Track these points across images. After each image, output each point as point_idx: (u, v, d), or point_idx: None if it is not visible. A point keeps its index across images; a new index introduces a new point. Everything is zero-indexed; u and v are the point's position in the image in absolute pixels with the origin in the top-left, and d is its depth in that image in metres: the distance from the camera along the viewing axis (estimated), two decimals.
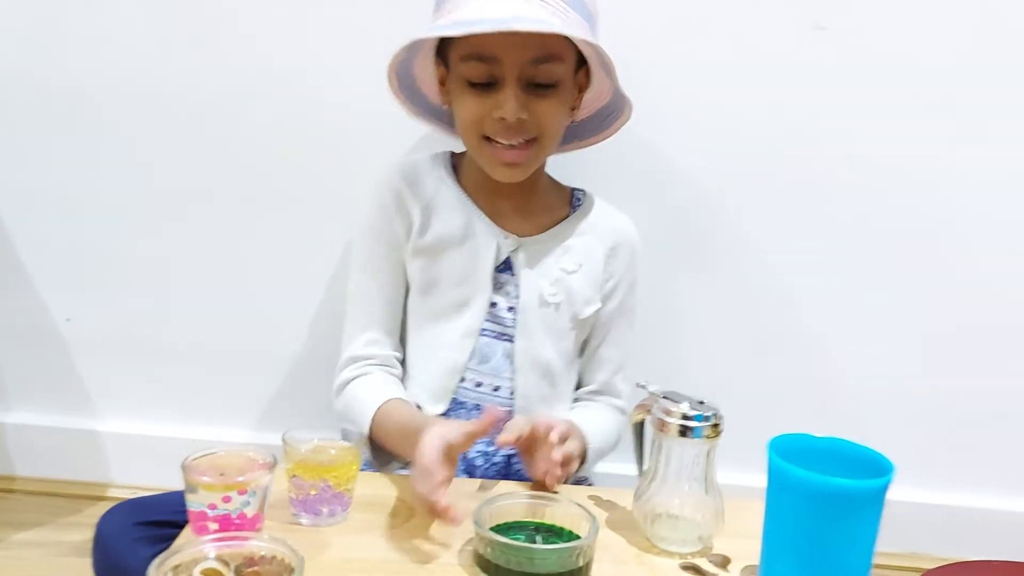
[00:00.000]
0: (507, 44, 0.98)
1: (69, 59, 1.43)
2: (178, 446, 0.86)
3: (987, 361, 1.47)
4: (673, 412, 0.86)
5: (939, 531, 1.53)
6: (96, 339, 1.56)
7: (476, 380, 1.13)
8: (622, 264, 1.18)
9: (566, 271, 1.13)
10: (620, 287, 1.19)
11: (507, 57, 0.99)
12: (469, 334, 1.12)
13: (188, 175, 1.47)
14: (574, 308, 1.14)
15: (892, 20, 1.34)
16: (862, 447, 0.76)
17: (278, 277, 1.50)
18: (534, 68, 1.01)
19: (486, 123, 1.03)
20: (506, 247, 1.12)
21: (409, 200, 1.12)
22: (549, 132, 1.07)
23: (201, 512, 0.80)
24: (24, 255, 1.53)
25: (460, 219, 1.12)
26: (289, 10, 1.38)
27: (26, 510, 1.55)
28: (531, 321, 1.12)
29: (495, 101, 1.01)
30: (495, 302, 1.12)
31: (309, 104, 1.41)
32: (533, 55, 1.00)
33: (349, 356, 1.14)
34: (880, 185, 1.41)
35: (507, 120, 1.01)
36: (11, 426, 1.60)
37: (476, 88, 1.02)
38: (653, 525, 0.89)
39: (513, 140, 1.04)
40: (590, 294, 1.15)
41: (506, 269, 1.13)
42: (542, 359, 1.13)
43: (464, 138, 1.09)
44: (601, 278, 1.17)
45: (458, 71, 1.03)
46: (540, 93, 1.03)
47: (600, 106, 1.17)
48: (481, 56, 1.00)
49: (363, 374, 1.12)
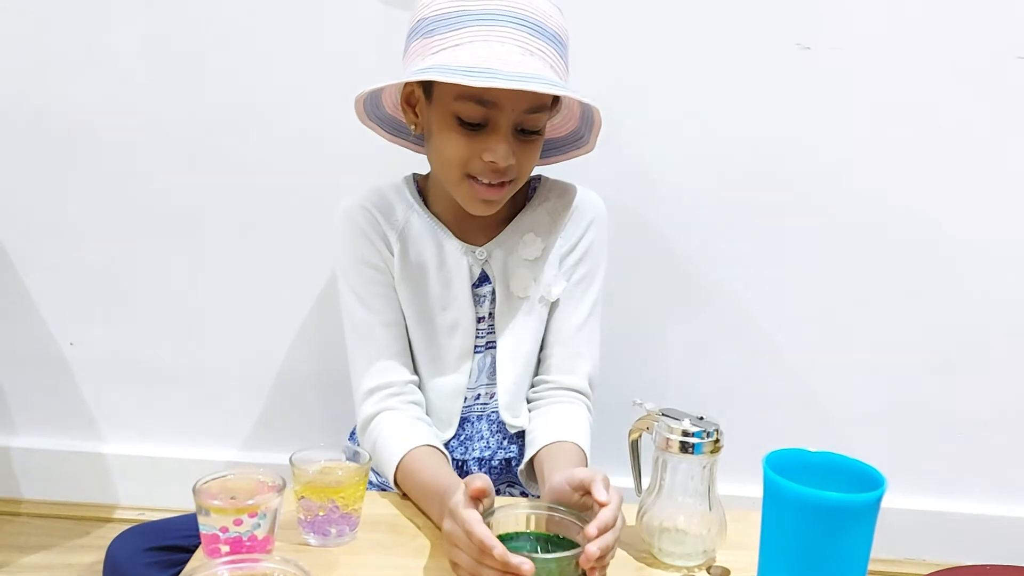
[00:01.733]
0: (510, 94, 0.96)
1: (68, 87, 1.45)
2: (182, 466, 0.88)
3: (975, 370, 1.49)
4: (674, 429, 0.88)
5: (933, 537, 1.54)
6: (99, 362, 1.58)
7: (476, 393, 1.14)
8: (580, 227, 1.15)
9: (528, 260, 1.12)
10: (578, 250, 1.15)
11: (507, 104, 0.98)
12: (465, 355, 1.12)
13: (186, 200, 1.49)
14: (542, 290, 1.13)
15: (874, 39, 1.37)
16: (855, 461, 0.77)
17: (278, 298, 1.52)
18: (525, 116, 1.01)
19: (473, 163, 1.02)
20: (477, 263, 1.12)
21: (386, 228, 1.11)
22: (525, 173, 1.07)
23: (213, 535, 0.82)
24: (28, 281, 1.55)
25: (431, 245, 1.11)
26: (284, 37, 1.41)
27: (33, 533, 1.57)
28: (508, 320, 1.12)
29: (485, 144, 1.00)
30: (481, 316, 1.13)
31: (305, 128, 1.44)
32: (529, 105, 1.00)
33: (366, 389, 1.09)
34: (866, 200, 1.44)
35: (498, 164, 1.00)
36: (16, 449, 1.62)
37: (466, 128, 1.00)
38: (659, 540, 0.90)
39: (496, 181, 1.03)
40: (554, 272, 1.13)
41: (483, 282, 1.13)
42: (521, 352, 1.13)
43: (444, 173, 1.06)
44: (560, 251, 1.14)
45: (449, 107, 1.00)
46: (526, 139, 1.03)
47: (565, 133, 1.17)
48: (482, 100, 0.98)
49: (385, 409, 1.08)
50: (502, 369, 1.13)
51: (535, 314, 1.14)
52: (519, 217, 1.14)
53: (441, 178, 1.08)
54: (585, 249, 1.15)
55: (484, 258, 1.12)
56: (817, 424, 1.52)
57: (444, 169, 1.06)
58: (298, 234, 1.47)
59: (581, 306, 1.15)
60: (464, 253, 1.11)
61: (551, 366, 1.16)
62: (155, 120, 1.46)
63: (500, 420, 1.14)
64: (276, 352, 1.55)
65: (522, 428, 1.14)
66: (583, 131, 1.14)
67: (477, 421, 1.15)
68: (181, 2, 1.41)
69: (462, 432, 1.14)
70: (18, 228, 1.53)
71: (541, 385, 1.16)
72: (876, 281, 1.47)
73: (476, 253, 1.11)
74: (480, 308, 1.13)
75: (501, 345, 1.13)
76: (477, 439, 1.14)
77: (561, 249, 1.15)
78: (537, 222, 1.14)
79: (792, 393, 1.52)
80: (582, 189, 1.17)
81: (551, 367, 1.16)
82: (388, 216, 1.11)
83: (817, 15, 1.37)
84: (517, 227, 1.14)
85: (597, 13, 1.36)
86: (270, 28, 1.41)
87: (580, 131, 1.15)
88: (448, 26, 0.99)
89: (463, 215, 1.11)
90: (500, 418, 1.14)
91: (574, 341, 1.15)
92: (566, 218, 1.15)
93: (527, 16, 0.98)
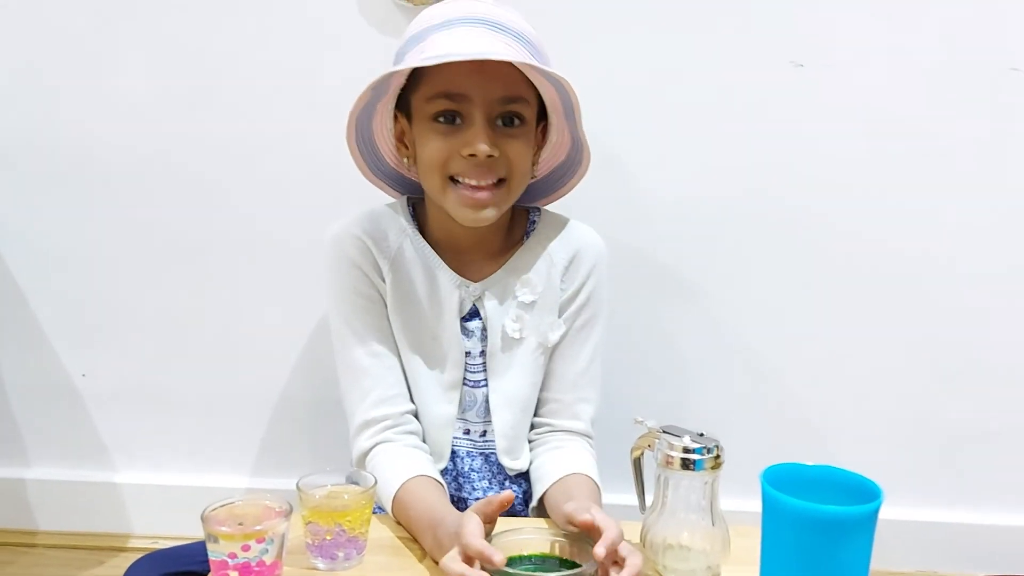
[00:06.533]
0: (476, 82, 0.97)
1: (77, 121, 1.48)
2: (193, 494, 0.89)
3: (978, 380, 1.49)
4: (675, 446, 0.88)
5: (943, 549, 1.53)
6: (111, 393, 1.60)
7: (464, 428, 1.13)
8: (581, 274, 1.12)
9: (524, 303, 1.10)
10: (579, 297, 1.13)
11: (476, 94, 0.98)
12: (453, 386, 1.11)
13: (193, 231, 1.52)
14: (539, 337, 1.11)
15: (867, 55, 1.39)
16: (852, 473, 0.78)
17: (285, 326, 1.54)
18: (502, 107, 1.00)
19: (453, 162, 1.01)
20: (468, 297, 1.10)
21: (378, 257, 1.09)
22: (518, 173, 1.04)
23: (222, 561, 0.83)
24: (39, 314, 1.57)
25: (423, 274, 1.10)
26: (290, 71, 1.44)
27: (49, 564, 1.58)
28: (500, 361, 1.10)
29: (463, 139, 0.99)
30: (468, 350, 1.11)
31: (309, 160, 1.46)
32: (501, 94, 0.99)
33: (361, 422, 1.07)
34: (863, 215, 1.44)
35: (477, 157, 0.99)
36: (31, 481, 1.64)
37: (442, 126, 1.00)
38: (663, 557, 0.90)
39: (482, 180, 1.01)
40: (553, 319, 1.11)
41: (473, 316, 1.11)
42: (517, 396, 1.12)
43: (428, 182, 1.04)
44: (561, 296, 1.12)
45: (424, 111, 1.01)
46: (508, 132, 1.02)
47: (556, 164, 1.16)
48: (449, 94, 0.99)
49: (382, 442, 1.07)
50: (497, 412, 1.12)
51: (531, 358, 1.12)
52: (517, 255, 1.12)
53: (430, 191, 1.06)
54: (587, 297, 1.13)
55: (477, 295, 1.10)
56: (818, 438, 1.52)
57: (429, 177, 1.04)
58: (304, 263, 1.48)
59: (584, 350, 1.13)
60: (456, 286, 1.10)
61: (554, 411, 1.14)
62: (163, 153, 1.48)
63: (498, 462, 1.13)
64: (282, 379, 1.56)
65: (521, 470, 1.13)
66: (575, 157, 1.13)
67: (470, 458, 1.13)
68: (187, 38, 1.44)
69: (454, 468, 1.13)
70: (29, 260, 1.55)
71: (543, 428, 1.15)
72: (873, 294, 1.47)
73: (469, 289, 1.10)
74: (469, 342, 1.11)
75: (494, 386, 1.11)
76: (477, 479, 1.13)
77: (562, 297, 1.12)
78: (535, 264, 1.11)
79: (793, 407, 1.52)
80: (582, 229, 1.15)
81: (554, 411, 1.14)
82: (380, 243, 1.09)
83: (811, 33, 1.38)
84: (515, 267, 1.11)
85: (594, 31, 1.38)
86: (275, 61, 1.43)
87: (571, 160, 1.14)
88: (414, 43, 1.01)
89: (458, 243, 1.11)
90: (498, 460, 1.13)
91: (577, 387, 1.14)
92: (566, 264, 1.12)
93: (488, 19, 0.99)
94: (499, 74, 0.99)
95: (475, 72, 0.97)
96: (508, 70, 1.00)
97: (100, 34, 1.44)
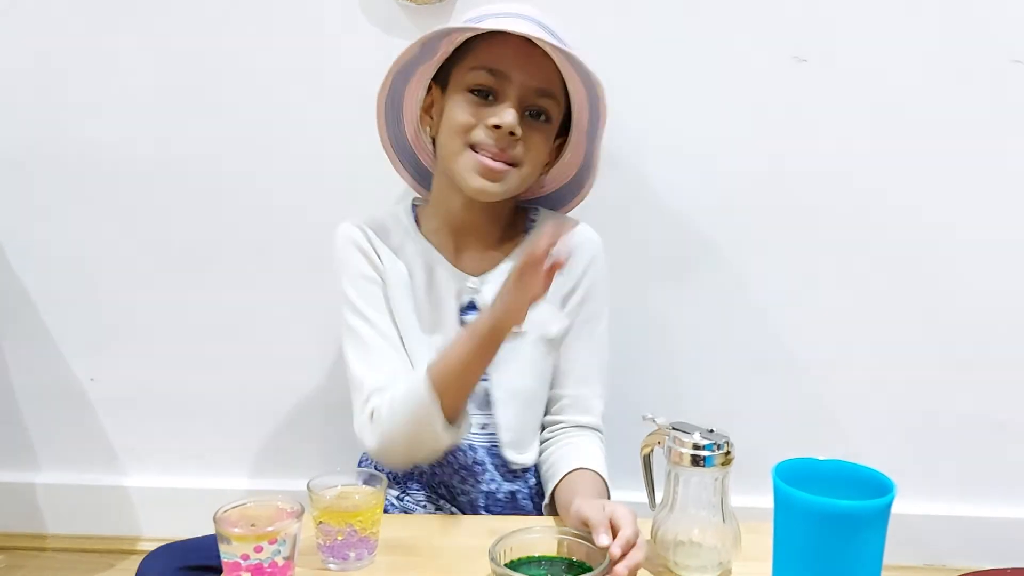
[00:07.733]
0: (519, 65, 1.05)
1: (85, 127, 1.48)
2: (203, 496, 0.89)
3: (986, 372, 1.49)
4: (685, 443, 0.89)
5: (954, 542, 1.53)
6: (120, 396, 1.60)
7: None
8: (579, 267, 1.15)
9: None
10: (580, 291, 1.15)
11: (516, 76, 1.05)
12: None
13: (201, 236, 1.52)
14: (540, 331, 1.13)
15: (870, 50, 1.39)
16: (864, 467, 0.78)
17: (293, 329, 1.54)
18: (535, 98, 1.07)
19: (477, 131, 1.06)
20: (467, 291, 1.13)
21: (381, 250, 1.14)
22: (531, 162, 1.09)
23: (235, 563, 0.83)
24: (48, 318, 1.57)
25: (423, 267, 1.14)
26: (298, 76, 1.44)
27: (59, 567, 1.58)
28: (501, 355, 1.09)
29: (492, 111, 1.05)
30: None
31: (317, 164, 1.46)
32: (538, 85, 1.07)
33: (369, 390, 1.06)
34: (868, 207, 1.44)
35: (502, 129, 1.04)
36: (41, 486, 1.64)
37: (476, 98, 1.06)
38: (675, 553, 0.91)
39: (500, 155, 1.06)
40: (552, 311, 1.14)
41: (472, 309, 1.13)
42: (521, 389, 1.13)
43: (447, 145, 1.09)
44: (562, 290, 1.15)
45: (462, 82, 1.07)
46: (533, 124, 1.08)
47: (560, 184, 1.21)
48: (492, 68, 1.05)
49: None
50: (500, 406, 1.12)
51: (533, 351, 1.14)
52: (517, 250, 1.15)
53: (444, 157, 1.10)
54: (588, 289, 1.16)
55: (476, 288, 1.13)
56: (831, 432, 1.52)
57: (449, 141, 1.08)
58: (312, 266, 1.47)
59: (591, 345, 1.17)
60: (455, 279, 1.13)
61: (565, 407, 1.17)
62: (171, 158, 1.49)
63: (501, 455, 1.13)
64: (290, 381, 1.56)
65: (526, 465, 1.14)
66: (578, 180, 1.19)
67: (472, 451, 1.13)
68: (194, 43, 1.44)
69: (456, 461, 1.13)
70: (38, 265, 1.56)
71: (555, 425, 1.17)
72: (882, 286, 1.47)
73: (468, 283, 1.13)
74: None
75: (495, 380, 1.12)
76: (481, 472, 1.13)
77: (563, 288, 1.15)
78: None
79: (804, 401, 1.52)
80: (584, 226, 1.17)
81: (565, 408, 1.17)
82: (384, 237, 1.15)
83: (813, 27, 1.38)
84: (513, 260, 1.14)
85: (597, 24, 1.38)
86: (283, 66, 1.43)
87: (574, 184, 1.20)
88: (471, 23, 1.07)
89: (458, 240, 1.14)
90: (501, 452, 1.13)
91: (586, 382, 1.17)
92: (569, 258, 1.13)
93: (542, 21, 1.08)
94: (541, 66, 1.07)
95: (521, 56, 1.05)
96: (549, 67, 1.08)
97: (105, 37, 1.44)
